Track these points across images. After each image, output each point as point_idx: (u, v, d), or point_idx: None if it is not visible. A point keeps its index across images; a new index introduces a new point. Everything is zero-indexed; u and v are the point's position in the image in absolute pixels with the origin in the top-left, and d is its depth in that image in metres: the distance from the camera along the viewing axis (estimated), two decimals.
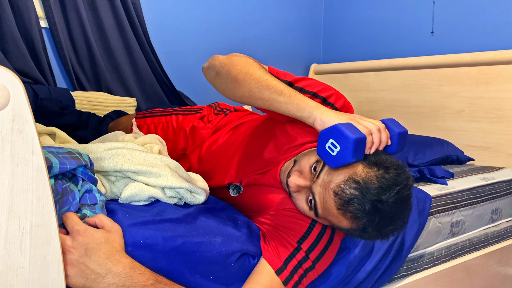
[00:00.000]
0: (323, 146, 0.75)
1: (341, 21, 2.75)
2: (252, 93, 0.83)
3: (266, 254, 0.81)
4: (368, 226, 0.75)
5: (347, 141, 0.71)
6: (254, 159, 0.99)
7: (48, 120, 1.41)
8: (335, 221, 0.79)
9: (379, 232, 0.77)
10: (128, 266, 0.64)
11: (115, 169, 0.80)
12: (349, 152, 0.72)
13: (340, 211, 0.76)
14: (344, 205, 0.74)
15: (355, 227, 0.77)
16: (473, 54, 1.94)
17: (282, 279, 0.79)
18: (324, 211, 0.79)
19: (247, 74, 0.84)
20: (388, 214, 0.74)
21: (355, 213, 0.74)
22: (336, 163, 0.74)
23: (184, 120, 1.27)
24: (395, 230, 0.78)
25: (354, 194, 0.73)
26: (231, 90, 0.88)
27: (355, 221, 0.75)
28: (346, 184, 0.74)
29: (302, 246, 0.83)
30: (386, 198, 0.73)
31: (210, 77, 0.94)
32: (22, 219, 0.53)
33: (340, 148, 0.72)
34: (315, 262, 0.83)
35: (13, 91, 0.50)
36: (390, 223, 0.76)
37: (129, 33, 2.07)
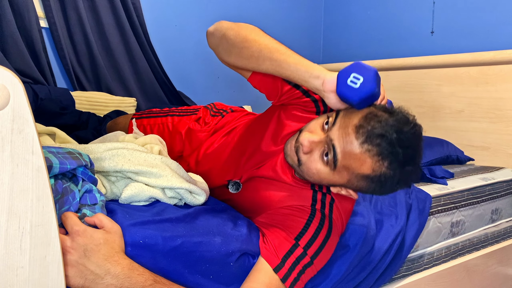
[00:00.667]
0: (344, 82, 0.76)
1: (341, 21, 2.75)
2: (262, 53, 0.83)
3: (264, 252, 0.81)
4: (393, 162, 0.75)
5: (370, 71, 0.75)
6: (252, 154, 0.99)
7: (48, 120, 1.41)
8: (356, 165, 0.77)
9: (401, 170, 0.76)
10: (127, 267, 0.64)
11: (115, 169, 0.80)
12: (373, 80, 0.75)
13: (363, 147, 0.75)
14: (368, 138, 0.75)
15: (377, 167, 0.76)
16: (473, 54, 1.94)
17: (281, 276, 0.79)
18: (345, 156, 0.78)
19: (257, 35, 0.86)
20: (409, 146, 0.76)
21: (380, 145, 0.74)
22: (360, 94, 0.76)
23: (180, 122, 1.26)
24: (415, 172, 0.79)
25: (377, 126, 0.75)
26: (238, 49, 0.87)
27: (379, 157, 0.75)
28: (367, 119, 0.76)
29: (300, 243, 0.83)
30: (407, 129, 0.76)
31: (215, 39, 0.93)
32: (22, 219, 0.53)
33: (364, 78, 0.75)
34: (313, 258, 0.83)
35: (13, 91, 0.50)
36: (411, 158, 0.77)
37: (129, 33, 2.07)
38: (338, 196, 0.92)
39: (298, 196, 0.93)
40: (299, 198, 0.92)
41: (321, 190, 0.92)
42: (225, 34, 0.89)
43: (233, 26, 0.89)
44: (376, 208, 1.15)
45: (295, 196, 0.93)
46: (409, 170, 0.78)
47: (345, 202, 0.93)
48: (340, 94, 0.78)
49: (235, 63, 0.90)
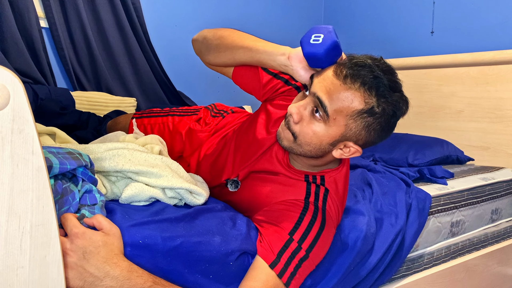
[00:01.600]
0: (308, 42, 0.81)
1: (341, 21, 2.75)
2: (235, 43, 0.94)
3: (260, 250, 0.81)
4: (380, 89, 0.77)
5: (327, 27, 0.82)
6: (246, 148, 1.01)
7: (48, 120, 1.41)
8: (347, 104, 0.78)
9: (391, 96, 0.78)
10: (126, 269, 0.64)
11: (115, 169, 0.80)
12: (333, 33, 0.80)
13: (347, 83, 0.77)
14: (348, 72, 0.77)
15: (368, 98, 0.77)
16: (473, 54, 1.94)
17: (277, 271, 0.79)
18: (333, 99, 0.79)
19: (231, 31, 0.97)
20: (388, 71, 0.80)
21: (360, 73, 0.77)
22: (325, 45, 0.79)
23: (180, 122, 1.27)
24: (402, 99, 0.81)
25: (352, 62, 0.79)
26: (216, 46, 0.97)
27: (365, 87, 0.76)
28: (340, 64, 0.80)
29: (294, 237, 0.83)
30: (378, 59, 0.81)
31: (198, 44, 1.04)
32: (22, 219, 0.53)
33: (324, 34, 0.81)
34: (308, 251, 0.83)
35: (13, 91, 0.50)
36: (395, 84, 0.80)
37: (129, 33, 2.07)
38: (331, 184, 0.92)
39: (292, 189, 0.93)
40: (294, 192, 0.92)
41: (315, 182, 0.93)
42: (205, 36, 1.01)
43: (212, 30, 1.01)
44: (376, 206, 1.15)
45: (290, 190, 0.93)
46: (398, 96, 0.80)
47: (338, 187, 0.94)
48: (306, 54, 0.81)
49: (215, 59, 0.99)
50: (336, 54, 0.82)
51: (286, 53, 0.87)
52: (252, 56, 0.92)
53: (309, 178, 0.93)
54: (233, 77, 1.03)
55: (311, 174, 0.93)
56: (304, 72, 0.85)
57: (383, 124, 0.80)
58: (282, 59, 0.87)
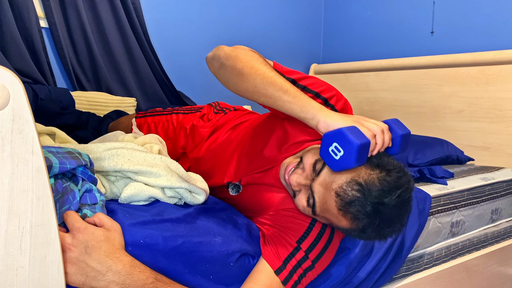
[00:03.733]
0: (326, 149, 0.75)
1: (341, 21, 2.75)
2: (257, 89, 0.83)
3: (265, 254, 0.81)
4: (368, 228, 0.76)
5: (351, 147, 0.71)
6: (254, 158, 0.99)
7: (48, 120, 1.41)
8: (334, 221, 0.80)
9: (378, 233, 0.78)
10: (128, 264, 0.64)
11: (115, 169, 0.80)
12: (353, 157, 0.72)
13: (340, 212, 0.76)
14: (345, 206, 0.75)
15: (354, 227, 0.78)
16: (473, 54, 1.93)
17: (281, 278, 0.79)
18: (323, 210, 0.80)
19: (252, 68, 0.83)
20: (388, 216, 0.75)
21: (356, 214, 0.75)
22: (338, 167, 0.74)
23: (185, 119, 1.27)
24: (394, 232, 0.79)
25: (356, 196, 0.74)
26: (235, 83, 0.87)
27: (355, 222, 0.76)
28: (349, 186, 0.75)
29: (302, 246, 0.83)
30: (388, 201, 0.73)
31: (214, 68, 0.92)
32: (22, 219, 0.53)
33: (344, 153, 0.72)
34: (314, 262, 0.83)
35: (13, 91, 0.50)
36: (389, 226, 0.77)
37: (129, 33, 2.07)
38: None
39: None
40: None
41: None
42: (223, 64, 0.88)
43: (230, 55, 0.87)
44: None
45: None
46: (387, 232, 0.78)
47: None
48: (322, 157, 0.77)
49: (236, 93, 0.90)
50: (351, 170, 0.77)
51: (316, 118, 0.78)
52: (275, 107, 0.83)
53: None
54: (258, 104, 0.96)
55: None
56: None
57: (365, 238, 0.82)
58: (311, 124, 0.79)
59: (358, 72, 2.48)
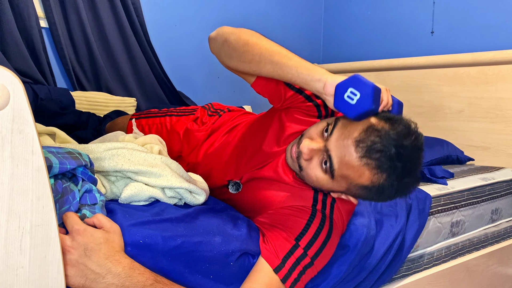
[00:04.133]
0: (341, 97, 0.75)
1: (341, 21, 2.75)
2: (263, 56, 0.84)
3: (264, 253, 0.81)
4: (391, 175, 0.76)
5: (367, 87, 0.73)
6: (253, 155, 0.99)
7: (48, 120, 1.41)
8: (354, 176, 0.78)
9: (399, 182, 0.77)
10: (128, 266, 0.64)
11: (115, 169, 0.80)
12: (370, 98, 0.73)
13: (362, 160, 0.76)
14: (367, 152, 0.75)
15: (376, 179, 0.77)
16: (473, 54, 1.94)
17: (281, 276, 0.79)
18: (343, 167, 0.79)
19: (258, 39, 0.86)
20: (409, 160, 0.76)
21: (379, 159, 0.75)
22: (356, 111, 0.75)
23: (178, 122, 1.26)
24: (413, 183, 0.80)
25: (377, 141, 0.75)
26: (240, 53, 0.87)
27: (378, 170, 0.76)
28: (367, 132, 0.76)
29: (300, 243, 0.83)
30: (407, 142, 0.76)
31: (217, 44, 0.93)
32: (22, 219, 0.53)
33: (360, 95, 0.74)
34: (313, 259, 0.83)
35: (13, 91, 0.50)
36: (410, 171, 0.78)
37: (129, 33, 2.07)
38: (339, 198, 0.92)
39: (299, 196, 0.93)
40: (300, 198, 0.92)
41: (322, 191, 0.92)
42: (227, 39, 0.89)
43: (235, 31, 0.89)
44: (376, 208, 1.15)
45: (296, 196, 0.93)
46: (408, 182, 0.79)
47: (346, 203, 0.94)
48: (336, 108, 0.78)
49: (237, 67, 0.91)
50: (368, 116, 0.78)
51: (323, 80, 0.79)
52: (281, 75, 0.84)
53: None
54: (253, 86, 0.96)
55: None
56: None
57: (382, 198, 0.83)
58: (318, 86, 0.80)
59: (358, 72, 2.48)
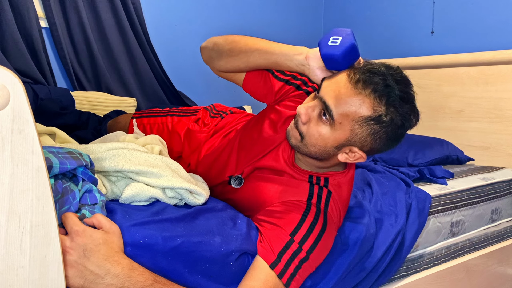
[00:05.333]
0: (326, 44, 0.81)
1: (341, 21, 2.75)
2: (248, 46, 0.93)
3: (260, 249, 0.81)
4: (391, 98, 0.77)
5: (346, 30, 0.82)
6: (251, 146, 1.01)
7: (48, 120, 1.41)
8: (355, 108, 0.78)
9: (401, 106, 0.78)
10: (127, 267, 0.65)
11: (116, 169, 0.80)
12: (351, 36, 0.80)
13: (357, 87, 0.77)
14: (361, 75, 0.78)
15: (377, 106, 0.77)
16: (473, 54, 1.94)
17: (277, 272, 0.79)
18: (341, 103, 0.79)
19: (243, 36, 0.97)
20: (402, 81, 0.79)
21: (373, 80, 0.77)
22: (343, 47, 0.79)
23: (179, 123, 1.27)
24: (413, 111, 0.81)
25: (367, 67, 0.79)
26: (228, 49, 0.96)
27: (376, 95, 0.77)
28: (355, 68, 0.80)
29: (295, 238, 0.83)
30: (393, 71, 0.80)
31: (207, 50, 1.02)
32: (22, 219, 0.53)
33: (342, 37, 0.81)
34: (309, 253, 0.83)
35: (13, 91, 0.50)
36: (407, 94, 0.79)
37: (129, 33, 2.07)
38: (335, 187, 0.92)
39: (295, 190, 0.93)
40: (296, 193, 0.92)
41: (318, 184, 0.93)
42: (216, 42, 1.00)
43: (222, 36, 1.00)
44: (376, 207, 1.15)
45: (293, 190, 0.93)
46: (408, 108, 0.79)
47: (342, 191, 0.94)
48: (324, 55, 0.82)
49: (227, 64, 0.97)
50: (353, 57, 0.82)
51: (304, 52, 0.86)
52: (267, 58, 0.91)
53: (313, 179, 0.93)
54: (244, 85, 1.02)
55: (316, 175, 0.94)
56: (320, 72, 0.86)
57: (390, 134, 0.81)
58: (299, 59, 0.86)
59: None
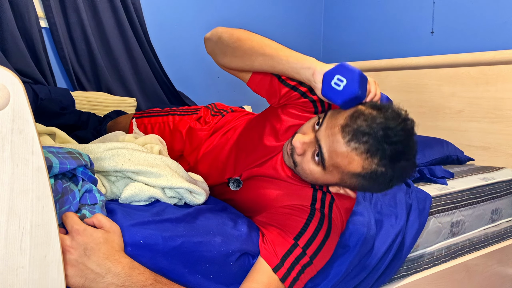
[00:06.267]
0: (328, 84, 0.77)
1: (341, 21, 2.75)
2: (254, 49, 0.88)
3: (263, 252, 0.81)
4: (382, 159, 0.74)
5: (353, 73, 0.74)
6: (252, 150, 1.00)
7: (48, 120, 1.41)
8: (344, 164, 0.77)
9: (393, 167, 0.75)
10: (128, 266, 0.64)
11: (115, 169, 0.80)
12: (356, 83, 0.74)
13: (350, 146, 0.75)
14: (354, 136, 0.74)
15: (367, 165, 0.75)
16: (473, 54, 1.94)
17: (280, 276, 0.79)
18: (332, 155, 0.78)
19: (250, 35, 0.90)
20: (399, 142, 0.74)
21: (367, 142, 0.74)
22: (343, 97, 0.76)
23: (181, 121, 1.27)
24: (408, 168, 0.78)
25: (363, 124, 0.74)
26: (233, 49, 0.91)
27: (367, 154, 0.74)
28: (353, 118, 0.76)
29: (299, 243, 0.83)
30: (394, 125, 0.74)
31: (212, 43, 0.98)
32: (22, 219, 0.53)
33: (347, 81, 0.74)
34: (312, 258, 0.83)
35: (13, 91, 0.50)
36: (402, 155, 0.75)
37: (129, 33, 2.07)
38: (338, 194, 0.92)
39: (298, 195, 0.93)
40: (299, 197, 0.92)
41: (321, 189, 0.93)
42: (220, 36, 0.94)
43: (228, 30, 0.94)
44: (376, 208, 1.15)
45: (295, 195, 0.93)
46: (402, 166, 0.77)
47: (345, 201, 0.94)
48: (324, 96, 0.79)
49: (231, 63, 0.93)
50: (356, 103, 0.78)
51: (312, 67, 0.82)
52: (273, 66, 0.87)
53: (316, 184, 0.93)
54: (249, 84, 0.98)
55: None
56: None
57: (378, 187, 0.81)
58: (307, 74, 0.82)
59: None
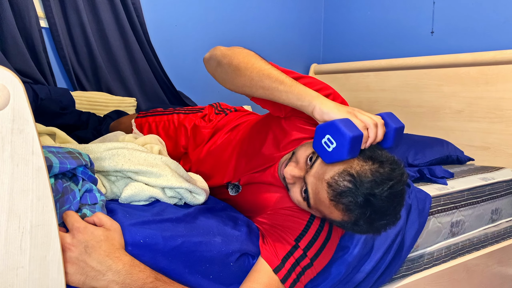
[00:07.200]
0: (319, 140, 0.75)
1: (341, 21, 2.75)
2: (254, 82, 0.84)
3: (264, 253, 0.81)
4: (360, 219, 0.75)
5: (343, 139, 0.72)
6: (252, 157, 0.99)
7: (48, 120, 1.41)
8: (326, 212, 0.79)
9: (370, 225, 0.76)
10: (128, 264, 0.65)
11: (115, 169, 0.80)
12: (345, 149, 0.72)
13: (332, 202, 0.75)
14: (336, 196, 0.74)
15: (346, 219, 0.77)
16: (473, 54, 1.94)
17: (280, 277, 0.79)
18: (316, 202, 0.79)
19: (248, 63, 0.85)
20: (380, 208, 0.74)
21: (347, 205, 0.74)
22: (331, 159, 0.74)
23: (186, 119, 1.27)
24: (387, 225, 0.78)
25: (348, 187, 0.73)
26: (232, 79, 0.88)
27: (347, 213, 0.75)
28: (340, 176, 0.74)
29: (300, 244, 0.83)
30: (379, 192, 0.73)
31: (211, 67, 0.95)
32: (22, 219, 0.53)
33: (336, 144, 0.72)
34: (313, 260, 0.83)
35: (13, 91, 0.50)
36: (381, 218, 0.75)
37: (129, 33, 2.07)
38: None
39: None
40: None
41: None
42: (219, 62, 0.91)
43: (227, 53, 0.90)
44: None
45: None
46: (380, 224, 0.77)
47: None
48: (315, 148, 0.77)
49: (232, 89, 0.91)
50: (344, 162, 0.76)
51: (312, 104, 0.78)
52: (273, 99, 0.84)
53: None
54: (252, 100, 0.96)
55: None
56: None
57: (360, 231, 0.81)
58: (307, 111, 0.79)
59: (358, 72, 2.48)
